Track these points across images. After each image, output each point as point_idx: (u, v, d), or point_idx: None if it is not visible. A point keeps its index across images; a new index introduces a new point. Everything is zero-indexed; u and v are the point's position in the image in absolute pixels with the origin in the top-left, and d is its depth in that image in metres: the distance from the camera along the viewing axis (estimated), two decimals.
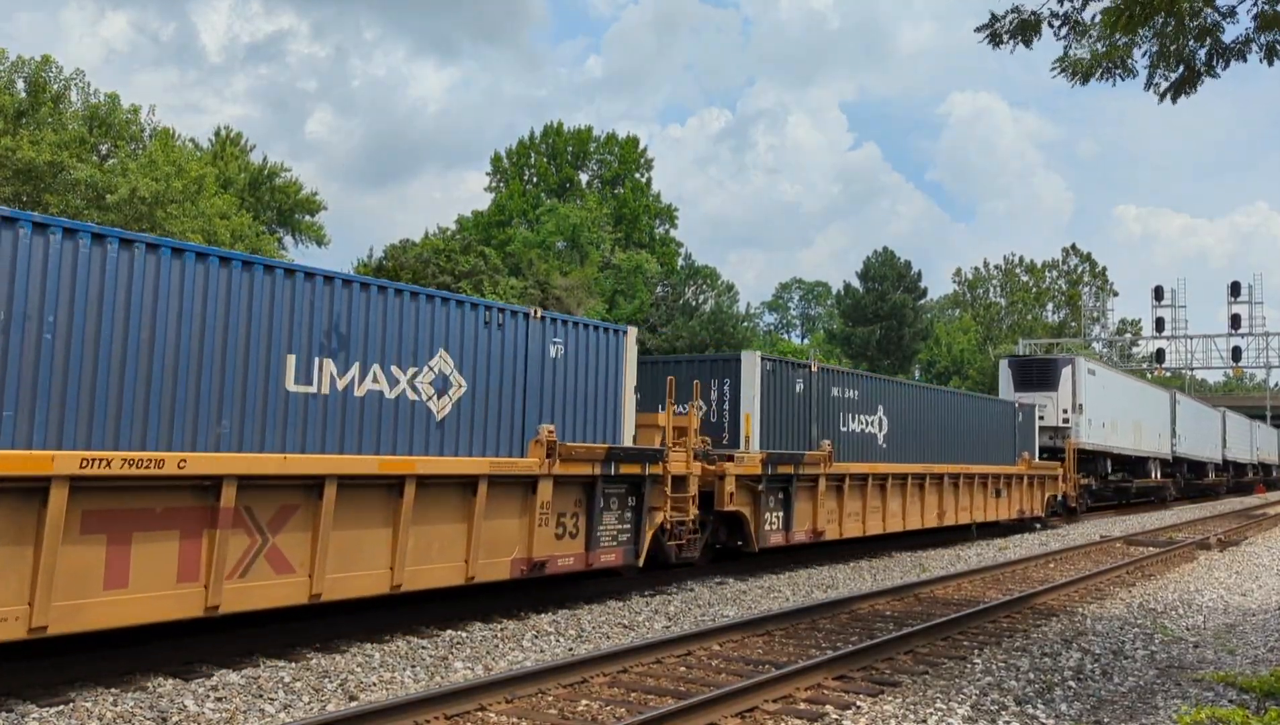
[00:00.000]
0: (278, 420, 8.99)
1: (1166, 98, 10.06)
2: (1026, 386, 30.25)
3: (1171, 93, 10.04)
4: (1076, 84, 9.96)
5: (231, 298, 8.76)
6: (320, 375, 9.39)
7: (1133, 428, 35.02)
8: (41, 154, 29.06)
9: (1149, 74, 10.02)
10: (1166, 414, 40.35)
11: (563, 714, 7.38)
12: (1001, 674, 9.02)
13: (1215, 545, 22.46)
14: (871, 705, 7.82)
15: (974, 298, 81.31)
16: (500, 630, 10.47)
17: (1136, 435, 35.55)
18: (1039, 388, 30.05)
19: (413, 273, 37.65)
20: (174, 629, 9.78)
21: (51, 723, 6.89)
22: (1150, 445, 37.45)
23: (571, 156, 67.04)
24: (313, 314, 9.38)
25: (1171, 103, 10.10)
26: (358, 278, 10.10)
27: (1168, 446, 40.11)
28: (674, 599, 12.88)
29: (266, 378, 8.96)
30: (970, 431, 22.51)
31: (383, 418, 9.89)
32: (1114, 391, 33.19)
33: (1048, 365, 30.97)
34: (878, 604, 12.78)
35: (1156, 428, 38.49)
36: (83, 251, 7.77)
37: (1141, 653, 10.31)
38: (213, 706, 7.34)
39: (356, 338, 9.73)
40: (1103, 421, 31.54)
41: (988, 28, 9.84)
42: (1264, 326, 55.93)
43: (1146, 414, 37.19)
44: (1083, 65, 9.90)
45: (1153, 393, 39.98)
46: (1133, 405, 35.45)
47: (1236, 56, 9.79)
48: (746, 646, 9.95)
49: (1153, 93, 10.07)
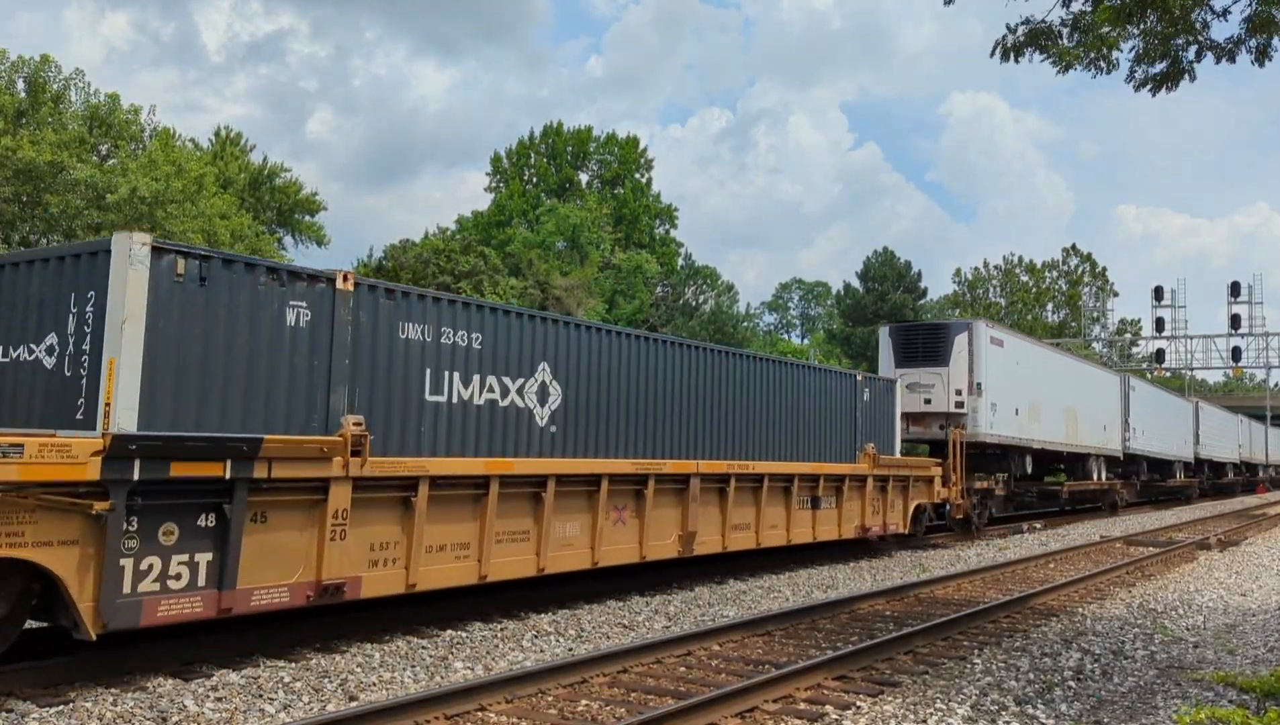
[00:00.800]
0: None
1: (1145, 89, 10.09)
2: (910, 360, 23.47)
3: (1152, 86, 10.07)
4: (1060, 70, 9.95)
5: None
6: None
7: (1064, 417, 28.56)
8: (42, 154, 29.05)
9: (1130, 67, 10.04)
10: (1117, 402, 33.97)
11: (563, 714, 7.38)
12: (1001, 674, 9.02)
13: (1215, 545, 22.46)
14: (871, 705, 7.82)
15: (974, 298, 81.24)
16: (500, 630, 10.47)
17: (1070, 426, 29.03)
18: (926, 361, 23.38)
19: (413, 273, 37.64)
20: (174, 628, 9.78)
21: (51, 723, 6.89)
22: (1091, 439, 30.95)
23: (571, 156, 67.03)
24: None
25: (1151, 96, 10.15)
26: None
27: (1117, 441, 33.54)
28: (674, 599, 12.88)
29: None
30: (767, 412, 15.95)
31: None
32: (1034, 370, 26.56)
33: (936, 332, 23.87)
34: (877, 604, 12.78)
35: (1101, 418, 32.12)
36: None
37: (1141, 653, 10.31)
38: (213, 706, 7.33)
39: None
40: (1016, 407, 24.86)
41: (999, 45, 9.85)
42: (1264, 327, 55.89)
43: (1088, 401, 30.63)
44: (1066, 54, 9.90)
45: (1097, 376, 33.09)
46: (1064, 389, 28.67)
47: (1225, 57, 9.80)
48: (746, 646, 9.95)
49: (1132, 86, 10.11)
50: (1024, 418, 25.50)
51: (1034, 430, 26.31)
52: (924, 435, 23.55)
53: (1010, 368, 24.67)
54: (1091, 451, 31.09)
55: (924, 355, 23.53)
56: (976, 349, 23.33)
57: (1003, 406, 24.17)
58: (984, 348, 23.47)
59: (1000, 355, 24.26)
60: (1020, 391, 25.28)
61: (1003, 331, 25.57)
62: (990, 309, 77.86)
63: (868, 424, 18.92)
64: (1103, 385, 32.90)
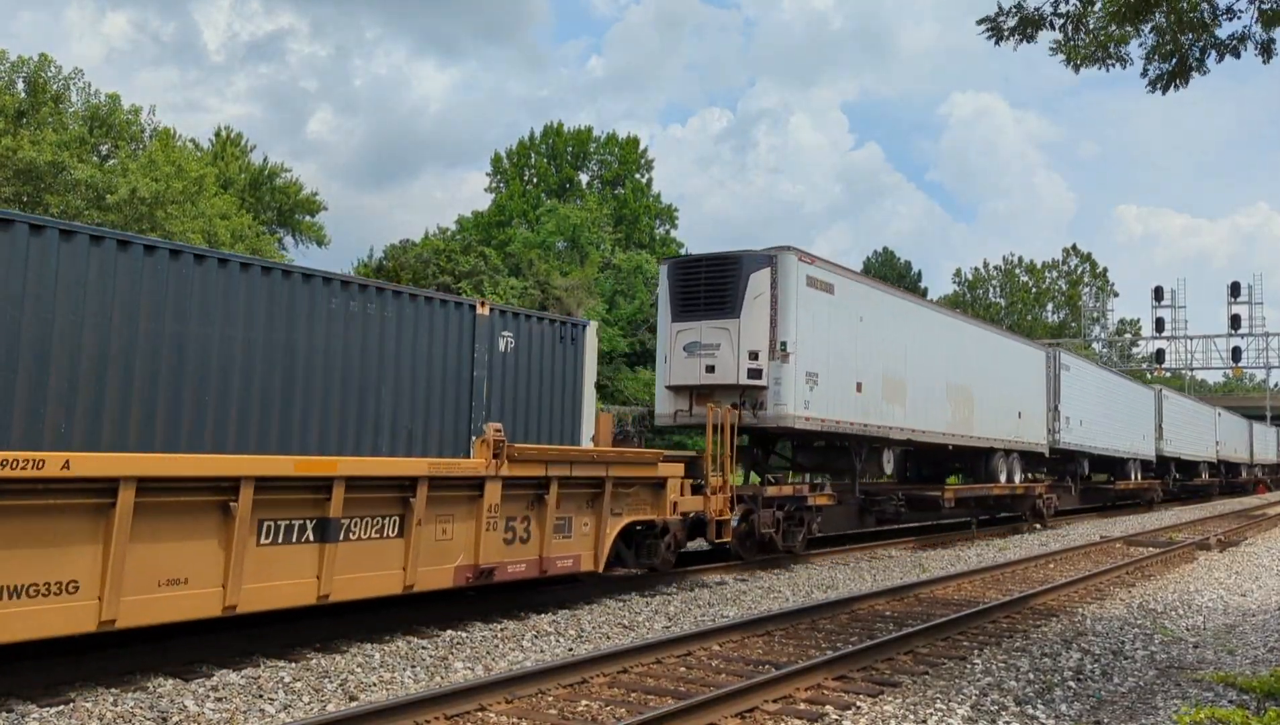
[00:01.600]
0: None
1: (1157, 88, 10.13)
2: (690, 310, 16.63)
3: (1163, 84, 10.09)
4: (1071, 68, 9.98)
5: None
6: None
7: (950, 399, 21.58)
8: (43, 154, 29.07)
9: (1144, 65, 10.06)
10: (1040, 384, 27.31)
11: (563, 714, 7.38)
12: (1001, 674, 9.02)
13: (1215, 546, 22.46)
14: (871, 705, 7.82)
15: (974, 298, 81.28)
16: (500, 630, 10.47)
17: (960, 412, 22.08)
18: (709, 311, 16.41)
19: (413, 273, 37.67)
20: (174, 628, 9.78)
21: (51, 723, 6.89)
22: (997, 429, 24.00)
23: (571, 157, 67.04)
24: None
25: (1162, 94, 10.18)
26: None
27: (1041, 433, 27.00)
28: (674, 599, 12.88)
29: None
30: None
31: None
32: (891, 330, 19.26)
33: (723, 269, 16.55)
34: (877, 604, 12.78)
35: (1016, 403, 25.24)
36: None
37: (1141, 653, 10.31)
38: (213, 706, 7.34)
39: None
40: (857, 381, 18.06)
41: (989, 21, 9.84)
42: (1264, 327, 56.02)
43: (992, 380, 23.72)
44: (1079, 52, 9.91)
45: (1009, 348, 25.59)
46: (949, 361, 21.53)
47: (1230, 53, 9.81)
48: (746, 646, 9.95)
49: (1145, 83, 10.14)
50: (873, 397, 18.57)
51: (894, 415, 19.32)
52: (702, 419, 15.62)
53: (844, 323, 17.75)
54: (1000, 446, 24.37)
55: (706, 302, 16.40)
56: (783, 293, 16.11)
57: (830, 379, 17.12)
58: (795, 291, 16.26)
59: (824, 305, 17.14)
60: (865, 359, 18.38)
61: (832, 269, 17.65)
62: (990, 309, 77.93)
63: (513, 388, 13.66)
64: (1017, 361, 25.72)
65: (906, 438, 20.01)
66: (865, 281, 19.86)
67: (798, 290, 16.44)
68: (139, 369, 9.82)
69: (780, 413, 16.17)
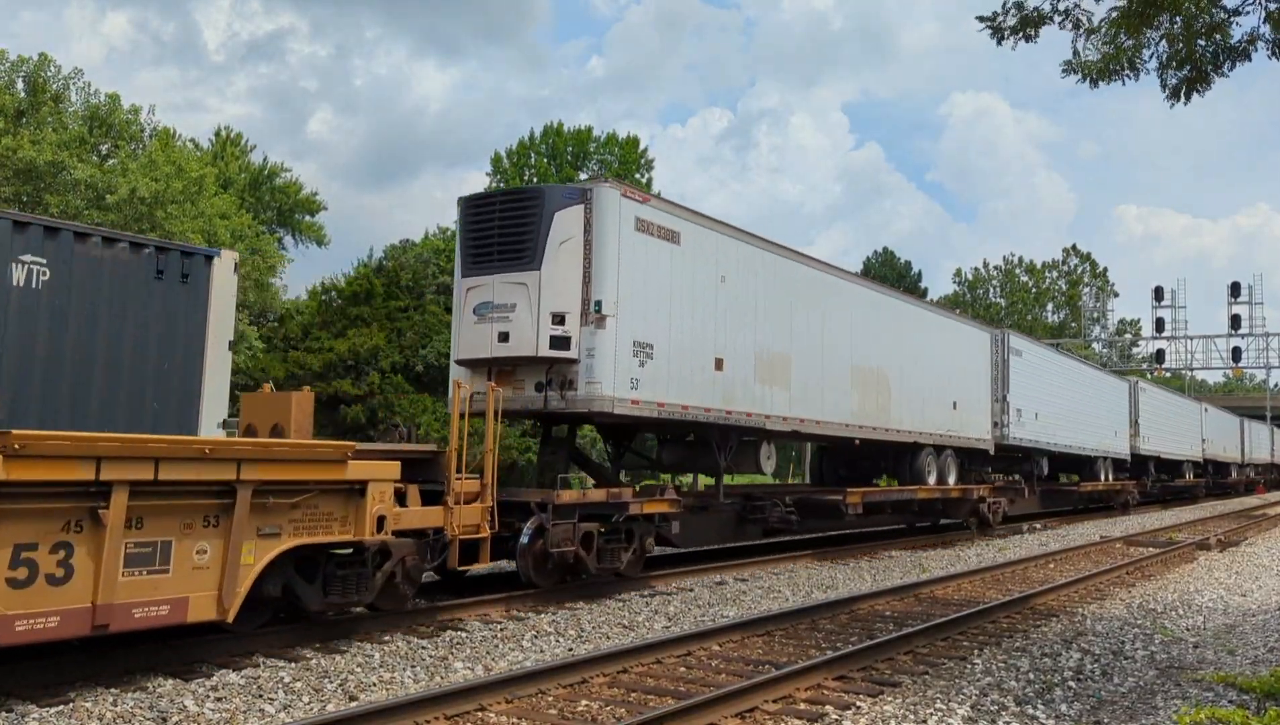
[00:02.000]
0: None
1: (1179, 99, 10.04)
2: (483, 261, 13.09)
3: (1182, 93, 10.02)
4: (1086, 86, 9.93)
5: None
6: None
7: (856, 383, 18.00)
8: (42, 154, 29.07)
9: (1160, 75, 9.99)
10: (981, 368, 23.26)
11: (563, 714, 7.38)
12: (1001, 674, 9.02)
13: (1215, 546, 22.45)
14: (871, 705, 7.82)
15: (974, 298, 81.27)
16: (500, 630, 10.47)
17: (872, 397, 18.52)
18: (504, 262, 12.92)
19: (413, 273, 37.64)
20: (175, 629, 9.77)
21: (51, 723, 6.90)
22: (925, 422, 20.37)
23: (572, 157, 67.02)
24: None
25: (1183, 103, 10.05)
26: None
27: (985, 427, 23.16)
28: (674, 599, 12.88)
29: None
30: None
31: None
32: (766, 294, 15.65)
33: (520, 207, 13.10)
34: (877, 604, 12.78)
35: (947, 391, 21.39)
36: None
37: (1141, 653, 10.31)
38: (213, 706, 7.34)
39: None
40: (717, 356, 14.39)
41: (989, 20, 9.83)
42: (1264, 327, 55.97)
43: (915, 362, 20.06)
44: (1092, 68, 9.87)
45: (935, 324, 21.62)
46: (856, 338, 18.13)
47: (1241, 56, 9.78)
48: (746, 646, 9.95)
49: (1166, 95, 10.03)
50: (741, 378, 14.85)
51: (772, 401, 15.54)
52: (513, 403, 12.73)
53: (697, 282, 14.11)
54: (928, 441, 20.69)
55: (501, 250, 12.80)
56: (600, 238, 12.60)
57: (674, 353, 13.52)
58: (617, 236, 12.75)
59: (665, 257, 13.51)
60: (731, 330, 14.69)
61: (678, 212, 14.01)
62: (990, 309, 77.93)
63: (50, 345, 9.49)
64: (951, 342, 22.02)
65: (792, 429, 16.33)
66: (730, 231, 15.15)
67: (622, 235, 12.85)
68: None
69: (594, 394, 12.43)
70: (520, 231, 12.81)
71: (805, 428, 16.70)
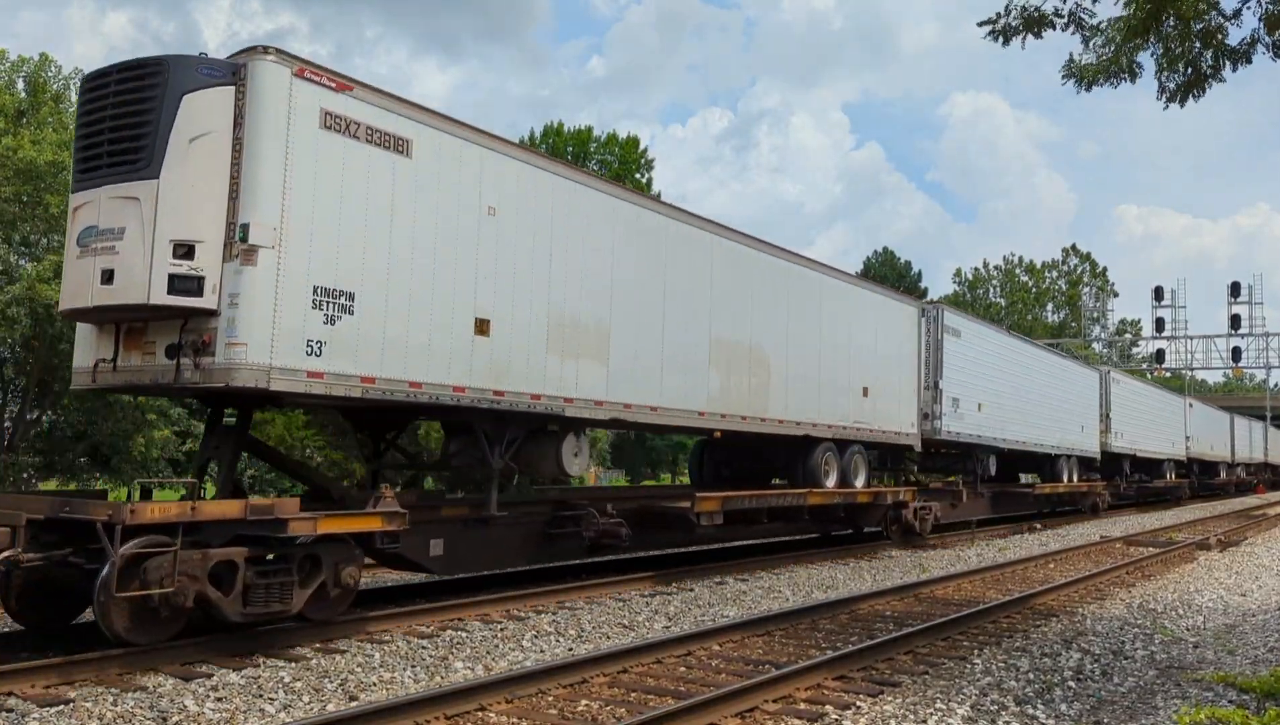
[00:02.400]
0: None
1: (1176, 102, 10.05)
2: (93, 167, 9.03)
3: (1180, 96, 10.03)
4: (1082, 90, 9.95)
5: None
6: None
7: (718, 361, 14.53)
8: (43, 154, 29.07)
9: (1157, 79, 10.00)
10: (907, 350, 20.01)
11: (563, 714, 7.38)
12: (1001, 674, 9.03)
13: (1215, 546, 22.46)
14: (871, 705, 7.82)
15: (974, 298, 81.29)
16: (500, 630, 10.48)
17: (741, 379, 15.03)
18: (115, 171, 8.87)
19: None
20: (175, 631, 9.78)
21: (51, 723, 6.90)
22: (822, 411, 17.05)
23: (572, 156, 67.08)
24: None
25: (1180, 106, 10.07)
26: None
27: (911, 419, 20.05)
28: (674, 599, 12.88)
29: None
30: None
31: None
32: (567, 238, 12.09)
33: (135, 88, 8.87)
34: (878, 604, 12.78)
35: (856, 375, 18.05)
36: None
37: (1141, 653, 10.31)
38: (213, 706, 7.34)
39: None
40: (478, 316, 10.83)
41: (991, 23, 9.83)
42: (1264, 327, 55.99)
43: (809, 339, 16.74)
44: (1089, 71, 9.87)
45: (838, 293, 17.73)
46: (718, 305, 14.67)
47: (1242, 59, 9.79)
48: (746, 646, 9.96)
49: (1163, 98, 10.04)
50: (524, 347, 11.37)
51: (577, 379, 12.08)
52: (143, 374, 9.23)
53: (442, 211, 10.53)
54: (826, 434, 17.19)
55: (111, 151, 9.06)
56: (254, 132, 8.97)
57: (400, 307, 10.00)
58: (287, 131, 9.12)
59: (385, 170, 9.97)
60: (504, 280, 11.16)
61: (385, 104, 10.11)
62: (990, 309, 77.98)
63: None
64: (863, 317, 18.54)
65: (612, 417, 12.70)
66: (505, 146, 11.45)
67: (294, 133, 9.12)
68: None
69: (237, 360, 8.75)
70: (134, 123, 8.93)
71: (634, 416, 13.07)
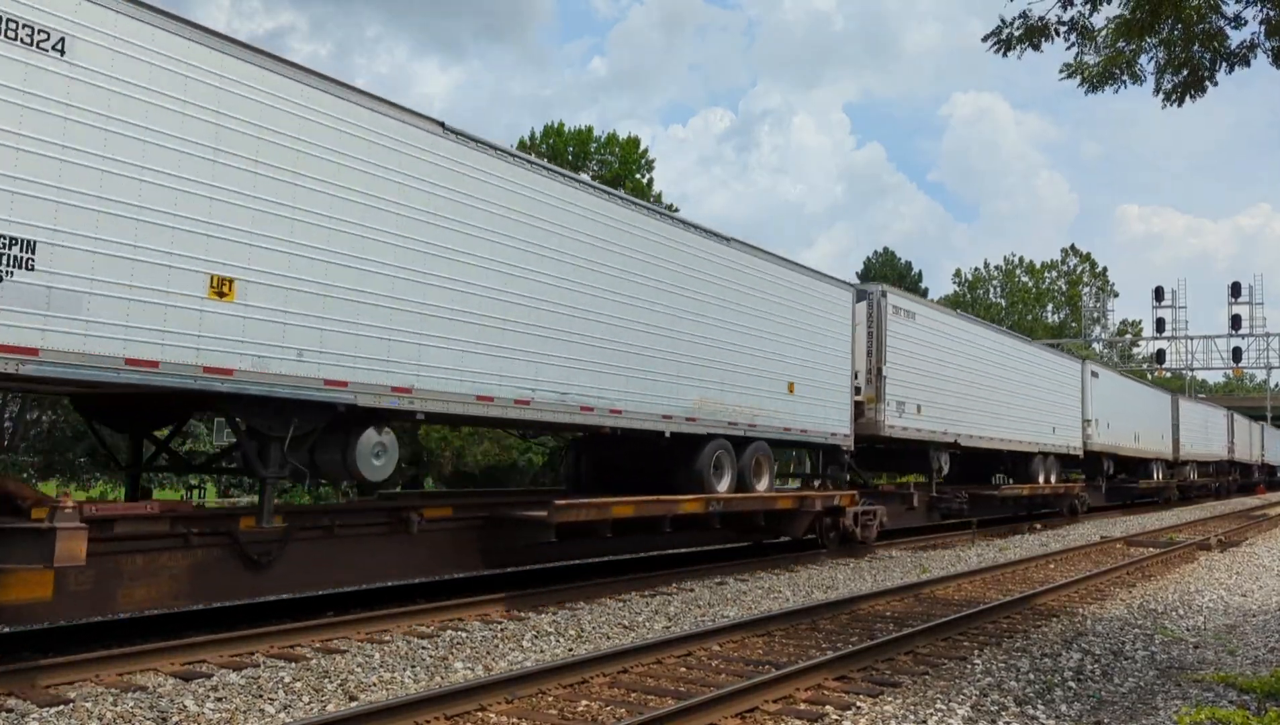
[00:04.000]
0: None
1: (1171, 101, 10.06)
2: None
3: (1177, 97, 10.04)
4: (1085, 90, 9.94)
5: None
6: None
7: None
8: None
9: (1156, 80, 10.00)
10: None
11: (563, 714, 7.38)
12: (1001, 674, 9.02)
13: (1215, 546, 22.45)
14: (871, 705, 7.82)
15: (974, 298, 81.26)
16: (500, 630, 10.47)
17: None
18: None
19: None
20: (175, 629, 9.79)
21: (51, 722, 6.90)
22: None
23: (572, 156, 67.05)
24: None
25: (1177, 106, 10.08)
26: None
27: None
28: (674, 599, 12.88)
29: None
30: None
31: None
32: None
33: None
34: (878, 604, 12.78)
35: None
36: None
37: (1142, 653, 10.31)
38: (213, 706, 7.34)
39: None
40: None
41: (994, 35, 9.83)
42: (1264, 327, 56.01)
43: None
44: (1092, 73, 9.87)
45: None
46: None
47: (1240, 62, 9.79)
48: (747, 646, 9.95)
49: (1160, 98, 10.06)
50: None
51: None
52: None
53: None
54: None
55: None
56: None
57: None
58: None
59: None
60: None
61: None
62: (991, 309, 77.95)
63: None
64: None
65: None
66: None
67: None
68: None
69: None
70: None
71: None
